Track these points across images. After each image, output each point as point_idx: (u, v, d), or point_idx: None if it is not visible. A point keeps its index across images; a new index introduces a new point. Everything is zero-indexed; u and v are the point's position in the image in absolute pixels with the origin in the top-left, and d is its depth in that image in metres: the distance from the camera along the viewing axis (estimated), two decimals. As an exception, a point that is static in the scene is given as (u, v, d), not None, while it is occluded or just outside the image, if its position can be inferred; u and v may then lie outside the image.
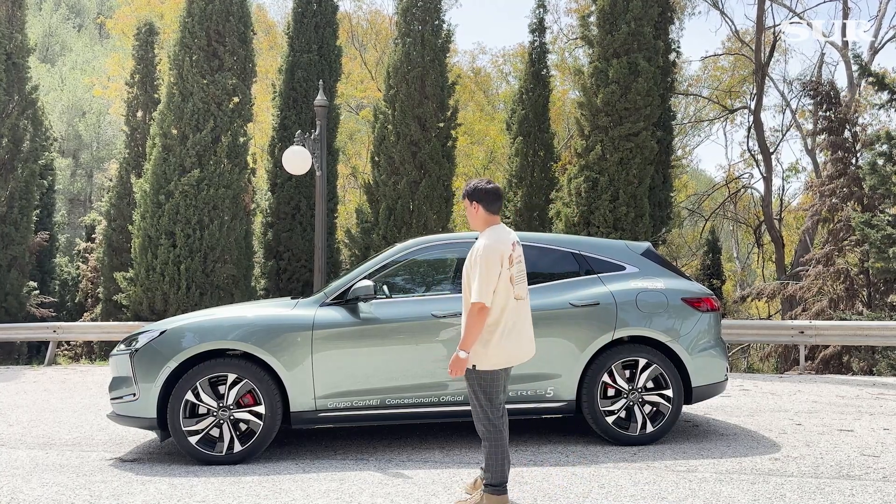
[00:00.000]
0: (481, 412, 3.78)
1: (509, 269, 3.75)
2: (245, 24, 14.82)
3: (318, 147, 10.94)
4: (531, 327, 3.92)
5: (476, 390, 3.78)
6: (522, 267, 3.87)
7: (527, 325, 3.86)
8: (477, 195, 3.87)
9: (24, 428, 6.69)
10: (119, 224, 17.60)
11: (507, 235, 3.84)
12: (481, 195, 3.86)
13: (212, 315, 5.37)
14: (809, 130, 19.70)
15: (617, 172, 12.55)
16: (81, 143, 35.09)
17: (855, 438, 5.63)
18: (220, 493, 4.32)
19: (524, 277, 3.87)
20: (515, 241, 3.88)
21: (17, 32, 16.40)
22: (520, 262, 3.85)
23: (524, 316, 3.84)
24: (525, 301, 3.85)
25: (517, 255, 3.83)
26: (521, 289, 3.82)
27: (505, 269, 3.72)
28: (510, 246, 3.79)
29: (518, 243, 3.90)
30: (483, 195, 3.86)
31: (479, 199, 3.86)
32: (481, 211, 3.87)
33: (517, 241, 3.91)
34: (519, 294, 3.80)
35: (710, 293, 5.77)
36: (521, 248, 3.91)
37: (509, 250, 3.77)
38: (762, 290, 16.47)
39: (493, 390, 3.77)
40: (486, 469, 3.79)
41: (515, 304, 3.78)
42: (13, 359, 16.32)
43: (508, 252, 3.76)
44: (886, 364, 11.88)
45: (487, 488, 3.77)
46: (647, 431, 5.31)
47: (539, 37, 16.37)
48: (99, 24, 40.38)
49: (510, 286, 3.75)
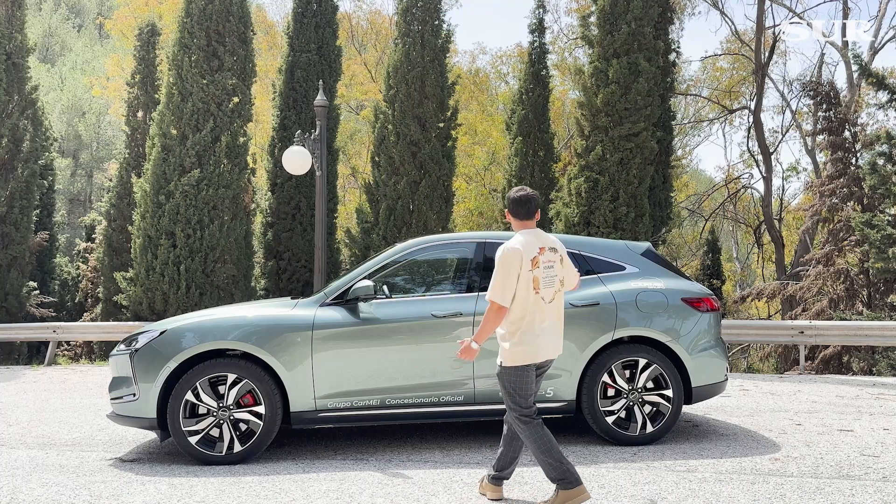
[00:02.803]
0: (513, 410, 3.92)
1: (531, 270, 3.86)
2: (245, 24, 14.82)
3: (318, 147, 10.94)
4: (560, 328, 4.01)
5: (506, 387, 3.92)
6: (553, 272, 3.95)
7: (554, 326, 3.97)
8: (507, 202, 4.13)
9: (24, 428, 6.69)
10: (119, 224, 17.59)
11: (536, 239, 3.97)
12: (509, 202, 4.10)
13: (212, 315, 5.37)
14: (809, 130, 19.69)
15: (617, 172, 12.55)
16: (81, 143, 35.08)
17: (855, 438, 5.63)
18: (220, 493, 4.32)
19: (551, 283, 3.94)
20: (547, 247, 3.98)
21: (16, 32, 16.39)
22: (549, 266, 3.95)
23: (551, 317, 3.94)
24: (553, 304, 3.95)
25: (546, 259, 3.94)
26: (548, 292, 3.92)
27: (525, 271, 3.85)
28: (536, 249, 3.92)
29: (551, 249, 3.99)
30: (510, 202, 4.08)
31: (508, 205, 4.12)
32: (512, 217, 4.10)
33: (553, 246, 4.02)
34: (545, 296, 3.90)
35: (710, 293, 5.78)
36: (554, 253, 4.00)
37: (533, 253, 3.90)
38: (762, 290, 16.46)
39: (522, 387, 3.88)
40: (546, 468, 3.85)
41: (541, 305, 3.89)
42: (13, 359, 16.32)
43: (532, 255, 3.89)
44: (886, 364, 11.88)
45: (560, 484, 3.83)
46: (647, 431, 5.31)
47: (539, 37, 16.36)
48: (99, 24, 40.41)
49: (531, 288, 3.86)
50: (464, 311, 5.26)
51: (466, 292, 5.43)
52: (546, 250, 3.97)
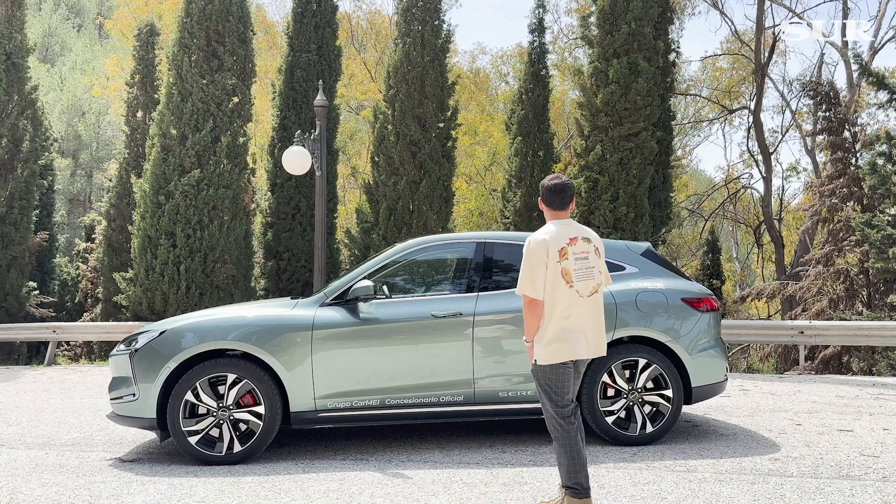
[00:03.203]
0: (547, 409, 3.73)
1: (559, 262, 3.64)
2: (244, 24, 14.82)
3: (317, 147, 10.94)
4: (598, 324, 3.77)
5: (540, 385, 3.74)
6: (588, 264, 3.72)
7: (591, 321, 3.73)
8: (541, 192, 3.88)
9: (23, 428, 6.69)
10: (119, 224, 17.59)
11: (566, 229, 3.74)
12: (543, 190, 3.85)
13: (212, 315, 5.37)
14: (809, 130, 19.69)
15: (617, 173, 12.55)
16: (81, 143, 35.09)
17: (855, 438, 5.63)
18: (220, 493, 4.32)
19: (588, 275, 3.71)
20: (578, 237, 3.74)
21: (16, 32, 16.39)
22: (583, 258, 3.70)
23: (587, 312, 3.70)
24: (589, 299, 3.71)
25: (577, 251, 3.69)
26: (582, 285, 3.68)
27: (553, 263, 3.63)
28: (566, 240, 3.69)
29: (584, 239, 3.75)
30: (544, 191, 3.85)
31: (542, 196, 3.87)
32: (544, 206, 3.87)
33: (586, 236, 3.78)
34: (581, 291, 3.68)
35: (709, 293, 5.78)
36: (588, 244, 3.76)
37: (562, 243, 3.67)
38: (762, 290, 16.47)
39: (556, 386, 3.69)
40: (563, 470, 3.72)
41: (574, 299, 3.67)
42: (13, 359, 16.31)
43: (560, 246, 3.67)
44: (886, 364, 11.88)
45: (568, 491, 3.70)
46: (646, 431, 5.31)
47: (539, 37, 16.37)
48: (98, 24, 40.41)
49: (562, 280, 3.64)
50: (464, 312, 5.26)
51: (466, 292, 5.43)
52: (578, 240, 3.73)
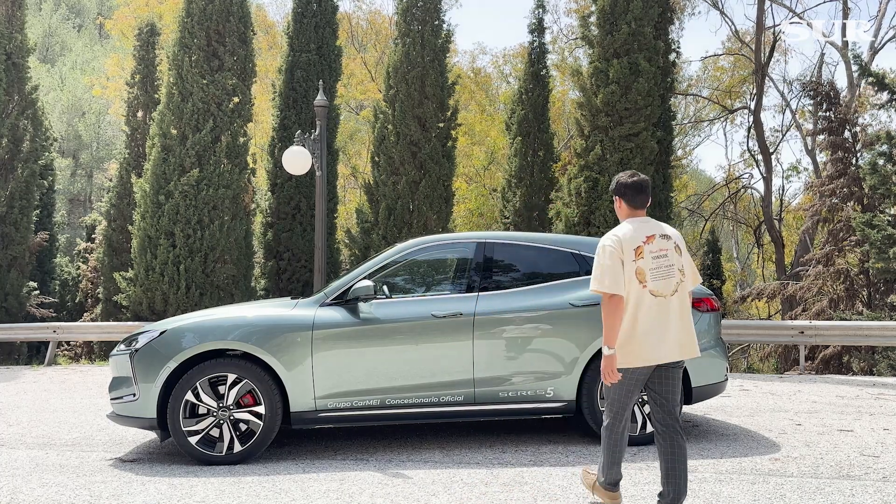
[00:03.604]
0: (609, 407, 3.68)
1: (634, 261, 3.51)
2: (245, 24, 14.82)
3: (318, 147, 10.94)
4: (678, 326, 3.57)
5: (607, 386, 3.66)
6: (668, 262, 3.57)
7: (670, 324, 3.55)
8: (619, 189, 3.73)
9: (24, 428, 6.69)
10: (119, 224, 17.60)
11: (643, 227, 3.62)
12: (623, 189, 3.71)
13: (212, 315, 5.37)
14: (809, 130, 19.70)
15: (617, 172, 12.52)
16: (81, 143, 35.10)
17: (855, 439, 5.63)
18: (220, 493, 4.32)
19: (667, 273, 3.56)
20: (657, 234, 3.61)
21: (16, 32, 16.40)
22: (662, 256, 3.56)
23: (664, 314, 3.53)
24: (669, 298, 3.55)
25: (654, 249, 3.55)
26: (658, 285, 3.53)
27: (629, 262, 3.51)
28: (642, 238, 3.56)
29: (663, 236, 3.61)
30: (624, 189, 3.71)
31: (621, 193, 3.72)
32: (623, 205, 3.73)
33: (665, 233, 3.64)
34: (655, 290, 3.52)
35: (710, 293, 5.77)
36: (667, 241, 3.61)
37: (637, 242, 3.55)
38: (762, 290, 16.47)
39: (624, 388, 3.60)
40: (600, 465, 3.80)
41: (650, 299, 3.52)
42: (13, 359, 16.32)
43: (636, 244, 3.54)
44: (886, 364, 11.89)
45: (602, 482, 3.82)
46: (646, 432, 5.31)
47: (538, 37, 16.38)
48: (99, 24, 40.40)
49: (635, 280, 3.51)
50: (464, 312, 5.26)
51: (466, 292, 5.42)
52: (656, 238, 3.58)
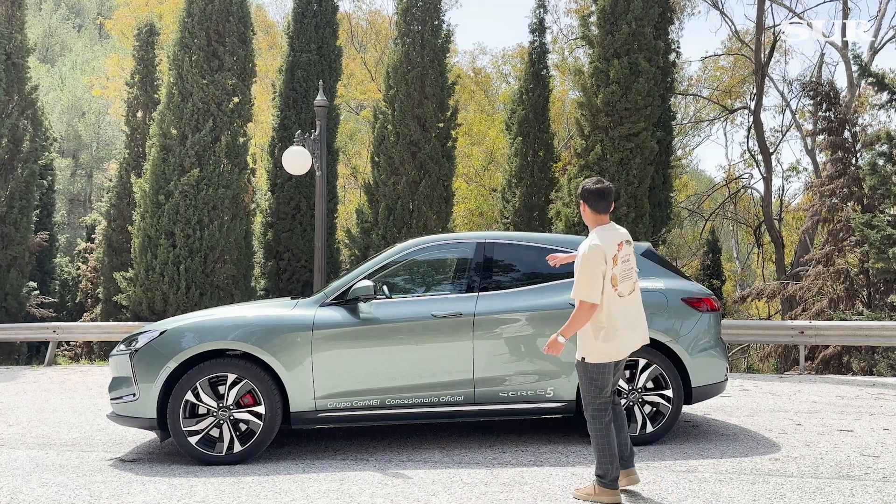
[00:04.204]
0: (589, 403, 4.00)
1: (612, 268, 3.84)
2: (245, 24, 14.82)
3: (318, 147, 10.94)
4: (640, 320, 4.03)
5: (584, 381, 4.00)
6: (629, 265, 3.95)
7: (638, 318, 4.00)
8: (583, 194, 3.98)
9: (24, 428, 6.69)
10: (119, 224, 17.58)
11: (613, 235, 3.93)
12: (587, 194, 3.95)
13: (212, 315, 5.37)
14: (809, 130, 19.68)
15: (617, 172, 12.54)
16: (81, 143, 35.10)
17: (855, 439, 5.63)
18: (220, 493, 4.32)
19: (630, 275, 3.95)
20: (624, 241, 3.96)
21: (16, 32, 16.40)
22: (626, 260, 3.94)
23: (632, 311, 3.97)
24: (632, 296, 3.97)
25: (623, 255, 3.91)
26: (624, 286, 3.92)
27: (609, 269, 3.83)
28: (615, 246, 3.89)
29: (627, 242, 3.98)
30: (588, 194, 3.95)
31: (585, 198, 3.97)
32: (588, 210, 3.97)
33: (627, 238, 4.01)
34: (623, 291, 3.91)
35: (710, 293, 5.78)
36: (629, 247, 4.00)
37: (614, 250, 3.87)
38: (762, 290, 16.46)
39: (602, 382, 3.96)
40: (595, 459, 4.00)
41: (620, 301, 3.90)
42: (13, 359, 16.31)
43: (613, 252, 3.87)
44: (886, 364, 11.88)
45: (597, 479, 3.95)
46: (647, 431, 5.31)
47: (539, 37, 16.38)
48: (99, 24, 40.41)
49: (609, 285, 3.85)
50: (464, 312, 5.26)
51: (466, 292, 5.42)
52: (623, 244, 3.94)
